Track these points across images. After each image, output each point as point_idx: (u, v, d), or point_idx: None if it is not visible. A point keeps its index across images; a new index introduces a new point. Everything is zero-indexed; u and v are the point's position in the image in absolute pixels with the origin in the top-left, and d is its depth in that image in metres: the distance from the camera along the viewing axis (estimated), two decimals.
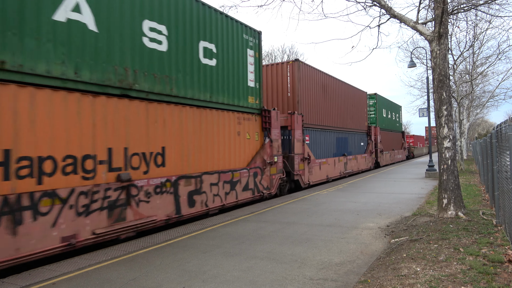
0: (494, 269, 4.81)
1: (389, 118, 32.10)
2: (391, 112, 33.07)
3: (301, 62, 16.27)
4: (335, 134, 20.01)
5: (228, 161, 10.87)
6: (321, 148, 18.17)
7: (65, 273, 5.70)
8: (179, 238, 7.76)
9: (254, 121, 12.15)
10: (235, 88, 11.23)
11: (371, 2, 9.05)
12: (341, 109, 20.98)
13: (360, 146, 24.19)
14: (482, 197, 11.44)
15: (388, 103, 32.23)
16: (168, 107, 8.74)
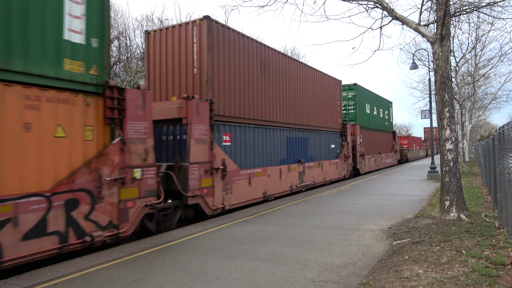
0: (496, 272, 4.79)
1: (375, 116, 27.14)
2: (378, 108, 28.01)
3: (214, 22, 10.69)
4: (285, 133, 14.45)
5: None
6: (256, 153, 12.58)
7: (66, 274, 5.71)
8: (180, 239, 7.76)
9: (84, 106, 6.86)
10: (23, 38, 6.00)
11: (373, 4, 9.05)
12: (297, 99, 15.51)
13: (329, 149, 18.85)
14: (484, 199, 11.40)
15: (374, 98, 27.33)
16: None
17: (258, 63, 12.89)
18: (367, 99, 25.28)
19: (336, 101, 19.95)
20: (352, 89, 23.54)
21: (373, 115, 26.66)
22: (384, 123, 29.89)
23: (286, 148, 14.43)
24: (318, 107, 17.51)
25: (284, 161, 14.31)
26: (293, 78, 15.28)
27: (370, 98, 26.07)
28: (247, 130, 12.19)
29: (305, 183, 15.73)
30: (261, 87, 13.01)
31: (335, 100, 19.83)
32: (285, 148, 14.38)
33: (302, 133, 15.99)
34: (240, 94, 11.82)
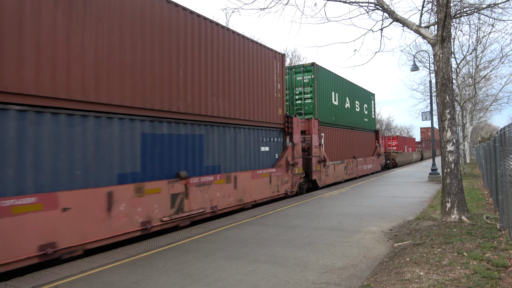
0: (498, 274, 4.78)
1: (347, 109, 21.31)
2: (352, 99, 22.23)
3: None
4: (139, 127, 8.26)
5: None
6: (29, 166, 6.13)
7: (67, 276, 5.70)
8: (181, 241, 7.76)
9: None
10: None
11: (374, 6, 9.07)
12: (183, 71, 9.45)
13: (256, 154, 12.43)
14: (485, 201, 11.38)
15: (346, 86, 21.38)
16: None
17: None
18: (333, 86, 19.46)
19: (273, 83, 13.41)
20: (308, 71, 17.33)
21: (343, 108, 20.76)
22: (361, 119, 23.85)
23: (140, 152, 8.17)
24: (233, 88, 11.17)
25: (130, 177, 7.87)
26: (176, 38, 9.15)
27: (339, 86, 20.31)
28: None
29: (187, 212, 9.21)
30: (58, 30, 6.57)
31: (271, 82, 13.25)
32: (138, 153, 8.11)
33: (189, 128, 9.61)
34: None
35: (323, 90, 18.18)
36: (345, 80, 21.46)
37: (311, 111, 17.36)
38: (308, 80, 17.54)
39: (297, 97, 17.76)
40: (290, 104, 17.74)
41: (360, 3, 9.16)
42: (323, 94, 18.21)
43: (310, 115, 17.33)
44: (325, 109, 18.36)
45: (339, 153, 19.89)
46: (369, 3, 9.10)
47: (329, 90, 18.99)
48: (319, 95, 17.67)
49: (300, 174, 14.93)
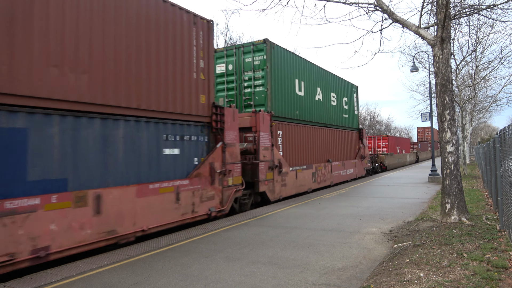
0: (498, 275, 4.77)
1: (318, 102, 17.38)
2: (326, 91, 18.41)
3: None
4: None
5: None
6: None
7: (66, 277, 5.69)
8: (181, 242, 7.75)
9: None
10: None
11: (374, 6, 9.08)
12: None
13: (157, 161, 8.60)
14: (485, 202, 11.38)
15: (316, 73, 17.32)
16: None
17: None
18: (297, 72, 15.55)
19: (192, 58, 9.65)
20: (260, 50, 13.37)
21: (313, 101, 16.91)
22: (339, 115, 20.11)
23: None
24: (104, 57, 7.39)
25: None
26: None
27: (306, 73, 16.38)
28: None
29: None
30: None
31: (188, 56, 9.54)
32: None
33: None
34: None
35: (280, 75, 14.20)
36: (316, 67, 17.31)
37: (262, 102, 13.40)
38: (259, 62, 13.46)
39: (246, 84, 13.73)
40: (238, 93, 13.89)
41: (360, 4, 9.17)
42: (281, 80, 14.25)
43: (261, 107, 13.34)
44: (283, 100, 14.38)
45: (305, 156, 15.92)
46: (368, 4, 9.12)
47: (291, 77, 14.96)
48: (274, 81, 13.68)
49: (236, 185, 10.83)
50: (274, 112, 13.52)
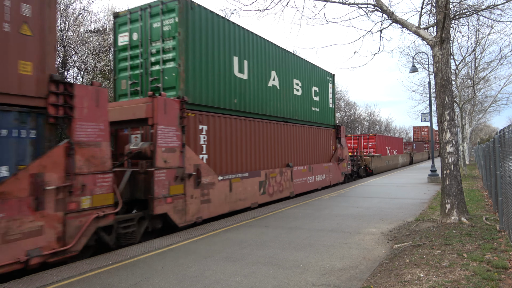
0: (498, 275, 4.77)
1: (271, 89, 13.58)
2: (286, 77, 14.67)
3: None
4: None
5: None
6: None
7: (66, 278, 5.68)
8: (180, 243, 7.74)
9: None
10: None
11: (373, 7, 9.08)
12: None
13: None
14: (485, 202, 11.38)
15: (269, 52, 13.62)
16: None
17: None
18: (236, 46, 11.78)
19: None
20: (170, 10, 9.78)
21: (263, 88, 13.06)
22: (306, 109, 16.18)
23: None
24: None
25: None
26: None
27: (252, 49, 12.57)
28: None
29: None
30: None
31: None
32: None
33: None
34: None
35: (206, 48, 10.38)
36: (270, 44, 13.53)
37: (173, 83, 9.59)
38: (170, 27, 9.72)
39: (153, 59, 10.00)
40: (144, 72, 10.15)
41: (359, 5, 9.18)
42: (208, 56, 10.44)
43: (172, 91, 9.57)
44: (211, 84, 10.56)
45: (249, 160, 12.01)
46: (368, 4, 9.12)
47: (226, 52, 11.19)
48: (193, 55, 9.92)
49: (100, 208, 7.02)
50: (190, 98, 9.57)
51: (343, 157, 19.91)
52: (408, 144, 48.69)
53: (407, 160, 39.16)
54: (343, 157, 19.91)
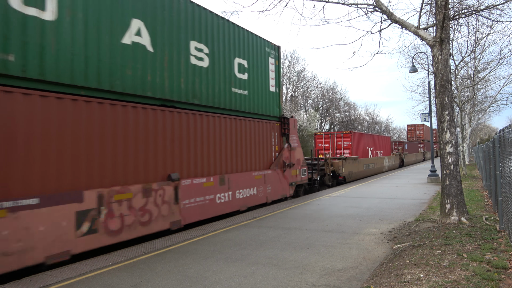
0: (498, 275, 4.77)
1: (133, 48, 8.12)
2: (173, 36, 9.19)
3: None
4: None
5: None
6: None
7: (65, 279, 5.68)
8: (180, 243, 7.74)
9: None
10: None
11: (373, 7, 9.08)
12: None
13: None
14: (485, 203, 11.38)
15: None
16: None
17: None
18: None
19: None
20: None
21: (114, 45, 7.76)
22: (222, 89, 11.08)
23: None
24: None
25: None
26: None
27: None
28: None
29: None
30: None
31: None
32: None
33: None
34: None
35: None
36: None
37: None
38: None
39: None
40: None
41: (359, 5, 9.18)
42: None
43: None
44: None
45: (52, 170, 6.50)
46: (367, 5, 9.13)
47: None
48: None
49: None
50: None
51: (292, 162, 14.19)
52: (399, 144, 42.66)
53: (396, 162, 33.74)
54: (292, 162, 14.19)
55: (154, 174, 8.52)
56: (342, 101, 62.53)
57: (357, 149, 24.10)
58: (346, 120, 62.79)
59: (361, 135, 26.50)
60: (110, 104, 7.57)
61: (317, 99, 55.97)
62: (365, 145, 26.05)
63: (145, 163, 8.30)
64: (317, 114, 53.02)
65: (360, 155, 24.35)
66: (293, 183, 14.45)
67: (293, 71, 48.94)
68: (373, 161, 26.36)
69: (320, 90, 56.28)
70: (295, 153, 14.53)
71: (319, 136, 24.76)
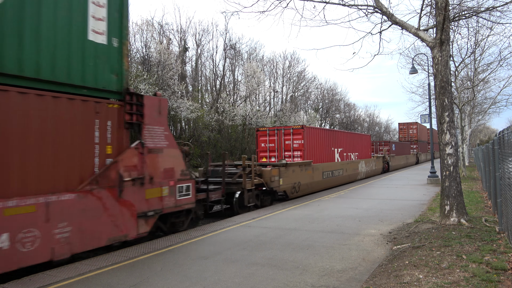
0: (497, 277, 4.77)
1: None
2: None
3: None
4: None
5: None
6: None
7: (65, 278, 5.68)
8: (180, 244, 7.74)
9: None
10: None
11: (373, 9, 9.09)
12: None
13: None
14: (484, 204, 11.38)
15: None
16: None
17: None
18: None
19: None
20: None
21: None
22: None
23: None
24: None
25: None
26: None
27: None
28: None
29: None
30: None
31: None
32: None
33: None
34: None
35: None
36: None
37: None
38: None
39: None
40: None
41: (359, 6, 9.19)
42: None
43: None
44: None
45: None
46: (368, 6, 9.14)
47: None
48: None
49: None
50: None
51: (150, 174, 8.11)
52: (384, 144, 34.85)
53: (379, 167, 27.58)
54: (150, 174, 8.11)
55: None
56: (342, 102, 62.62)
57: (313, 150, 17.52)
58: (346, 121, 62.82)
59: (321, 131, 19.26)
60: None
61: (317, 100, 56.05)
62: (328, 145, 19.57)
63: None
64: (317, 115, 53.06)
65: (319, 158, 18.05)
66: (150, 212, 8.06)
67: (293, 71, 49.01)
68: (339, 166, 20.18)
69: (320, 91, 56.37)
70: (159, 159, 8.36)
71: (262, 133, 17.80)
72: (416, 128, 47.53)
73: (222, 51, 45.70)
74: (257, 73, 38.50)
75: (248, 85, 38.31)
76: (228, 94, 37.18)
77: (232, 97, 38.19)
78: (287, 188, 14.41)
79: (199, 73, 39.47)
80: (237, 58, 41.52)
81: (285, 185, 14.22)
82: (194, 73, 38.48)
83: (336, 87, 66.13)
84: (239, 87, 40.91)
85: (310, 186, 16.50)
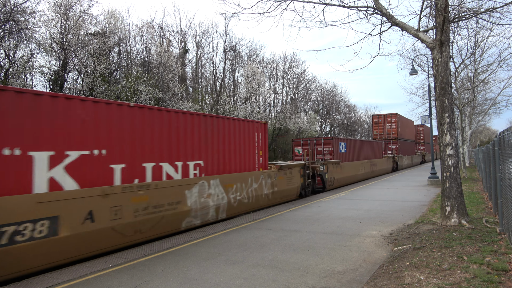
0: (498, 278, 4.77)
1: None
2: None
3: None
4: None
5: None
6: None
7: (66, 280, 5.67)
8: (180, 245, 7.73)
9: None
10: None
11: (373, 10, 9.10)
12: None
13: None
14: (485, 205, 11.37)
15: None
16: None
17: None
18: None
19: None
20: None
21: None
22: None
23: None
24: None
25: None
26: None
27: None
28: None
29: None
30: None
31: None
32: None
33: None
34: None
35: None
36: None
37: None
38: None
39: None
40: None
41: (359, 8, 9.20)
42: None
43: None
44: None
45: None
46: (367, 7, 9.14)
47: None
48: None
49: None
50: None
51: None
52: (309, 142, 20.77)
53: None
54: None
55: None
56: (343, 103, 62.60)
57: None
58: (347, 122, 62.82)
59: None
60: None
61: (317, 101, 56.04)
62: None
63: None
64: (317, 116, 53.04)
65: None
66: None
67: (293, 73, 49.02)
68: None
69: (321, 92, 56.36)
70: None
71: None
72: (396, 121, 34.84)
73: (222, 53, 45.70)
74: (257, 74, 38.52)
75: (248, 86, 38.33)
76: (228, 96, 37.20)
77: (232, 99, 38.21)
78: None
79: (199, 74, 39.51)
80: (237, 60, 41.57)
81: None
82: (194, 75, 38.53)
83: (336, 88, 66.15)
84: (239, 89, 40.94)
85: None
